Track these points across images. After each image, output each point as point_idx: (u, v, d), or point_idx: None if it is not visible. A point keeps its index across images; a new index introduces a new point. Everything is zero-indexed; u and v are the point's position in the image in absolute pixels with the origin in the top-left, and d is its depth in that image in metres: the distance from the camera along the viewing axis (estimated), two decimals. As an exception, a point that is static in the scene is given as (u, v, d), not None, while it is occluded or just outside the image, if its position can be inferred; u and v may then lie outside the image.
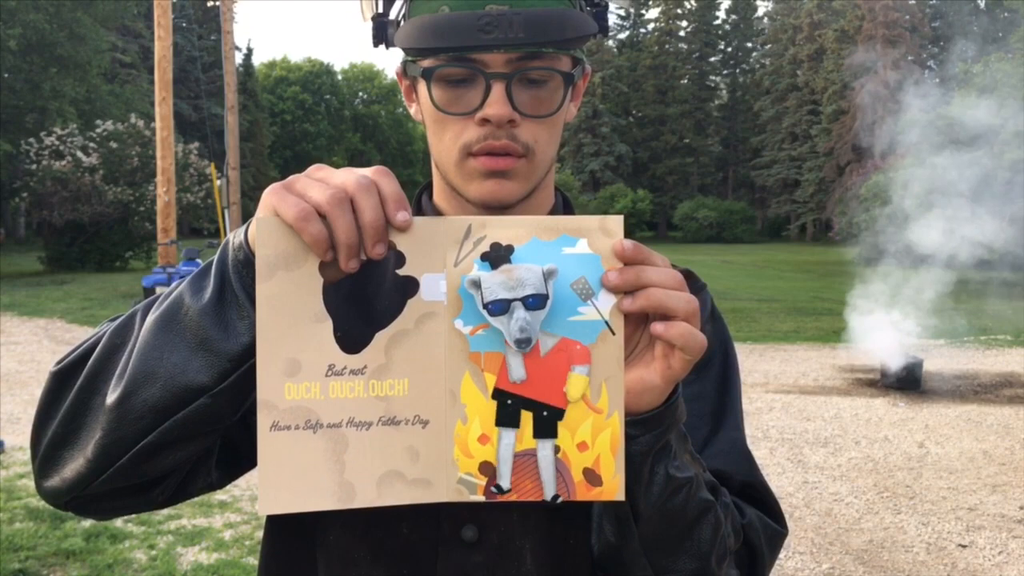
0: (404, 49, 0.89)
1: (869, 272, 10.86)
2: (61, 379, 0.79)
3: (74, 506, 0.81)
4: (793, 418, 7.37)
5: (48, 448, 0.79)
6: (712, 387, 0.98)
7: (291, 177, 0.71)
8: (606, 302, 0.71)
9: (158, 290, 10.53)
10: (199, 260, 11.48)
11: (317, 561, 0.91)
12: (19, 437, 6.25)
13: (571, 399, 0.71)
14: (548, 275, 0.70)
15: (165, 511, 4.74)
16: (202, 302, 0.72)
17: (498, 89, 0.84)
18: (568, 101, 0.91)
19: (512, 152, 0.87)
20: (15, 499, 4.87)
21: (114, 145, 21.19)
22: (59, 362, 0.81)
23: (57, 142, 20.80)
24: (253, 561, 4.14)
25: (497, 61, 0.84)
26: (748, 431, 1.04)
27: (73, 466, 0.77)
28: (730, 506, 0.88)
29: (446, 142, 0.89)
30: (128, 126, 21.71)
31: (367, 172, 0.70)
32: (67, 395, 0.78)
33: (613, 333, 0.71)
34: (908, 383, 8.41)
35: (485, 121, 0.85)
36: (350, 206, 0.68)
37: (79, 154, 20.51)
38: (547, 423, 0.71)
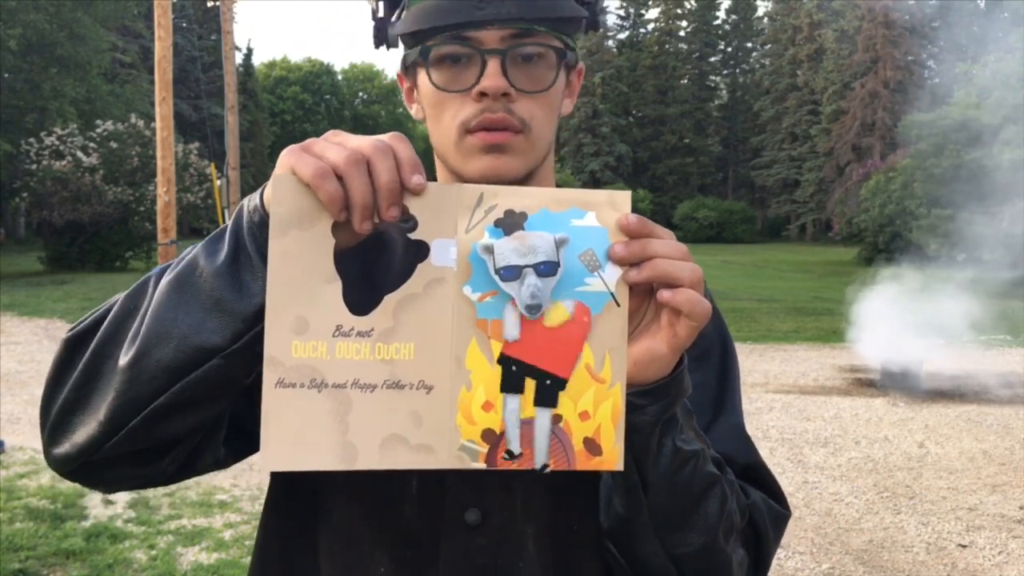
0: (403, 37, 0.92)
1: (869, 272, 10.86)
2: (73, 345, 0.79)
3: (82, 473, 0.81)
4: (793, 418, 7.37)
5: (58, 414, 0.79)
6: (712, 376, 1.00)
7: (308, 140, 0.71)
8: (612, 274, 0.72)
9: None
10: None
11: (318, 539, 0.92)
12: (19, 437, 6.25)
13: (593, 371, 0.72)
14: (560, 243, 0.71)
15: (165, 511, 4.74)
16: (216, 263, 0.73)
17: (493, 64, 0.87)
18: (560, 80, 0.93)
19: (509, 126, 0.88)
20: (15, 499, 4.87)
21: (114, 145, 21.18)
22: (72, 329, 0.81)
23: (57, 142, 20.79)
24: (253, 561, 4.14)
25: (492, 38, 0.87)
26: (748, 431, 1.05)
27: (84, 430, 0.77)
28: (735, 484, 0.89)
29: (445, 122, 0.91)
30: (128, 126, 21.70)
31: (384, 137, 0.71)
32: (79, 360, 0.78)
33: (618, 304, 0.72)
34: (908, 383, 8.41)
35: (482, 95, 0.87)
36: (366, 168, 0.69)
37: (79, 154, 20.50)
38: (549, 392, 0.71)
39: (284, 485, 0.96)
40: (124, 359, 0.74)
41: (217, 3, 21.16)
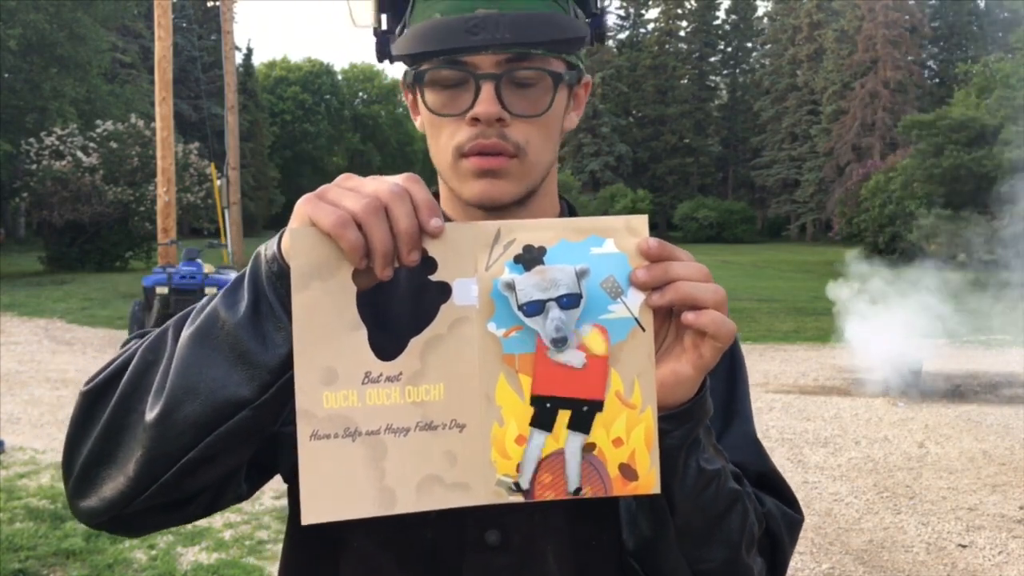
0: (400, 57, 0.91)
1: (869, 271, 10.86)
2: (94, 398, 0.79)
3: (113, 525, 0.81)
4: (793, 418, 7.37)
5: (83, 468, 0.78)
6: (721, 384, 1.01)
7: (322, 187, 0.71)
8: (635, 299, 0.72)
9: (158, 290, 10.49)
10: (199, 260, 11.45)
11: (339, 568, 0.92)
12: (19, 437, 6.25)
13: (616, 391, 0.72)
14: (581, 275, 0.71)
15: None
16: (238, 316, 0.73)
17: (487, 89, 0.86)
18: (560, 102, 0.92)
19: (503, 151, 0.87)
20: (15, 499, 4.87)
21: (114, 145, 21.17)
22: (89, 381, 0.80)
23: (57, 142, 20.78)
24: (253, 561, 4.14)
25: (487, 63, 0.86)
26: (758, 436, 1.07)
27: (112, 485, 0.77)
28: (752, 496, 0.90)
29: (441, 145, 0.91)
30: (128, 126, 21.69)
31: (398, 180, 0.71)
32: (101, 414, 0.77)
33: (643, 329, 0.72)
34: (908, 383, 8.41)
35: (475, 120, 0.86)
36: (384, 214, 0.68)
37: (79, 154, 20.49)
38: (585, 418, 0.72)
39: (302, 530, 0.95)
40: (151, 415, 0.74)
41: (217, 3, 21.16)
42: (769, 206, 54.95)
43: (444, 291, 0.71)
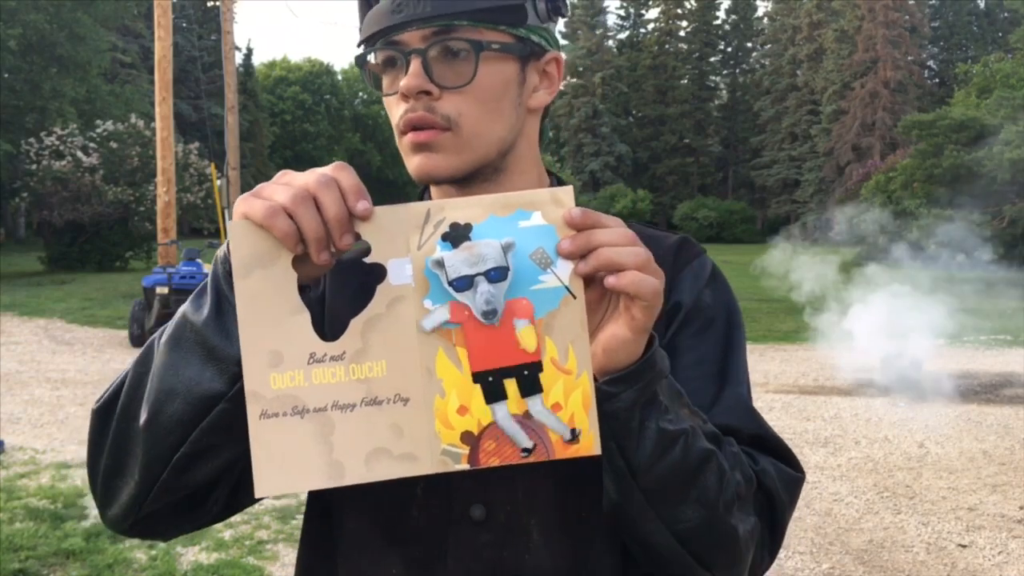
0: (358, 55, 0.95)
1: (869, 271, 10.86)
2: (102, 415, 0.85)
3: (137, 530, 0.86)
4: (793, 418, 7.37)
5: (104, 481, 0.85)
6: (715, 348, 0.99)
7: (259, 185, 0.75)
8: (564, 269, 0.75)
9: (158, 290, 10.50)
10: (199, 260, 11.47)
11: (338, 546, 0.96)
12: (19, 437, 6.25)
13: (527, 349, 0.74)
14: (506, 248, 0.74)
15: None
16: (203, 316, 0.78)
17: (414, 64, 0.87)
18: (495, 73, 0.90)
19: (433, 125, 0.88)
20: (15, 499, 4.87)
21: (114, 145, 21.18)
22: (99, 400, 0.86)
23: (57, 142, 20.78)
24: (253, 561, 4.15)
25: (414, 39, 0.88)
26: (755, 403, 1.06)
27: (126, 491, 0.83)
28: (738, 455, 0.89)
29: (394, 125, 0.94)
30: (128, 126, 21.69)
31: (326, 170, 0.74)
32: (110, 428, 0.84)
33: (574, 297, 0.75)
34: (908, 383, 8.42)
35: (405, 97, 0.89)
36: (313, 203, 0.72)
37: (79, 154, 20.50)
38: (530, 380, 0.74)
39: (307, 509, 1.02)
40: (142, 420, 0.79)
41: (217, 3, 21.17)
42: (769, 206, 54.91)
43: (380, 272, 0.74)
